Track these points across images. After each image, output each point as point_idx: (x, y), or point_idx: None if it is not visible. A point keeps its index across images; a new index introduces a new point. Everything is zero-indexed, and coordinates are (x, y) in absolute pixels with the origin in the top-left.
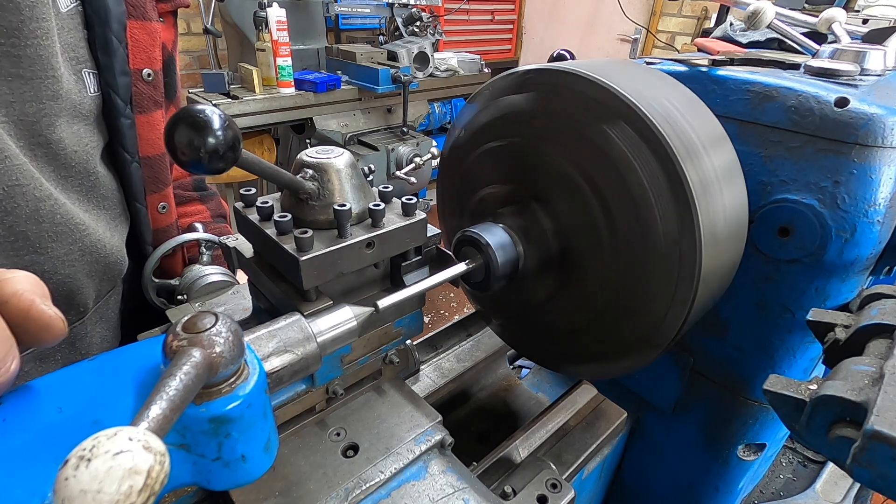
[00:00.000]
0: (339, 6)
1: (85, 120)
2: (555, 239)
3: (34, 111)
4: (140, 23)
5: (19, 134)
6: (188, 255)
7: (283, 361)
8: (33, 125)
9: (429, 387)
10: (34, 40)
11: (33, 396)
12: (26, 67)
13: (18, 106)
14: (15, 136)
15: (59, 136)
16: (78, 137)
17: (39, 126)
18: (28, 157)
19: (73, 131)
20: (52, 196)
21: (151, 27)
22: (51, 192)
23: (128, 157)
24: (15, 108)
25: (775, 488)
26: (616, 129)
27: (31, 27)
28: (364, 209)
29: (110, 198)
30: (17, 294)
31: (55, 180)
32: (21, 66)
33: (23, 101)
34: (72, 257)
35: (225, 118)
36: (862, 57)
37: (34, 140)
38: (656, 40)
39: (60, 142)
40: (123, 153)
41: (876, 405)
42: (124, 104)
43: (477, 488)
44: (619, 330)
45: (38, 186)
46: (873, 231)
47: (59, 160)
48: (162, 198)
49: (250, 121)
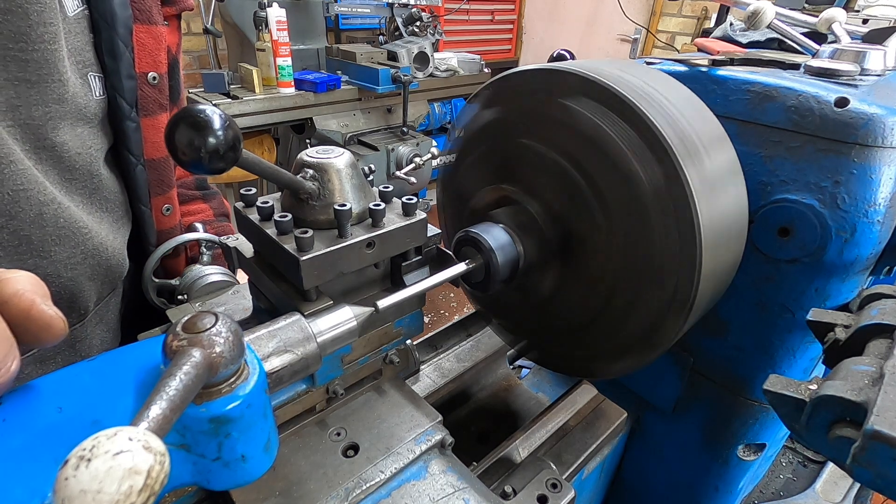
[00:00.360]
0: (339, 6)
1: (90, 123)
2: (551, 227)
3: (40, 115)
4: (146, 27)
5: (25, 137)
6: (190, 255)
7: (283, 361)
8: (39, 129)
9: (429, 387)
10: (41, 45)
11: (33, 396)
12: (33, 72)
13: (24, 110)
14: (21, 139)
15: (64, 140)
16: (82, 140)
17: (45, 129)
18: (33, 160)
19: (77, 134)
20: (56, 200)
21: (157, 31)
22: (54, 195)
23: (133, 159)
24: (21, 112)
25: (775, 488)
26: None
27: (38, 31)
28: (364, 209)
29: (113, 200)
30: (18, 294)
31: (59, 183)
32: (28, 70)
33: (29, 105)
34: (74, 261)
35: (225, 118)
36: (862, 57)
37: (39, 143)
38: (656, 40)
39: (65, 145)
40: (128, 156)
41: (876, 405)
42: (130, 107)
43: (477, 488)
44: (620, 326)
45: (41, 191)
46: (873, 231)
47: (63, 163)
48: (166, 200)
49: (250, 121)
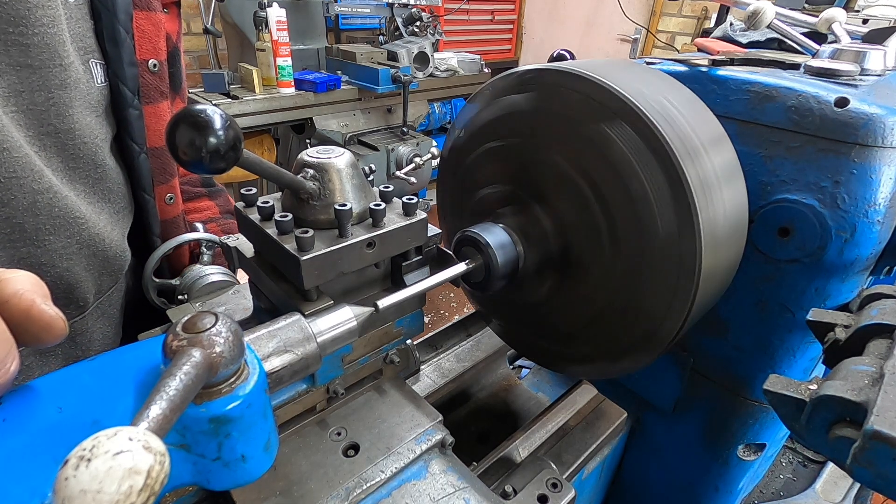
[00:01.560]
0: (339, 6)
1: (94, 110)
2: (555, 238)
3: (43, 100)
4: (145, 13)
5: (28, 123)
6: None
7: (283, 361)
8: (42, 114)
9: (429, 387)
10: (41, 28)
11: (33, 396)
12: (34, 56)
13: (28, 95)
14: (24, 125)
15: (70, 126)
16: (89, 129)
17: (48, 115)
18: (36, 147)
19: (83, 122)
20: (52, 188)
21: (156, 17)
22: (50, 184)
23: (136, 148)
24: (24, 98)
25: (775, 488)
26: (615, 128)
27: (37, 15)
28: (365, 209)
29: (116, 191)
30: (18, 294)
31: (62, 172)
32: (29, 54)
33: (31, 91)
34: (69, 250)
35: (226, 118)
36: (862, 57)
37: (43, 130)
38: (656, 40)
39: (70, 132)
40: (132, 144)
41: (876, 405)
42: (132, 95)
43: (477, 488)
44: (619, 330)
45: (36, 179)
46: (873, 231)
47: (67, 150)
48: (169, 189)
49: (250, 121)
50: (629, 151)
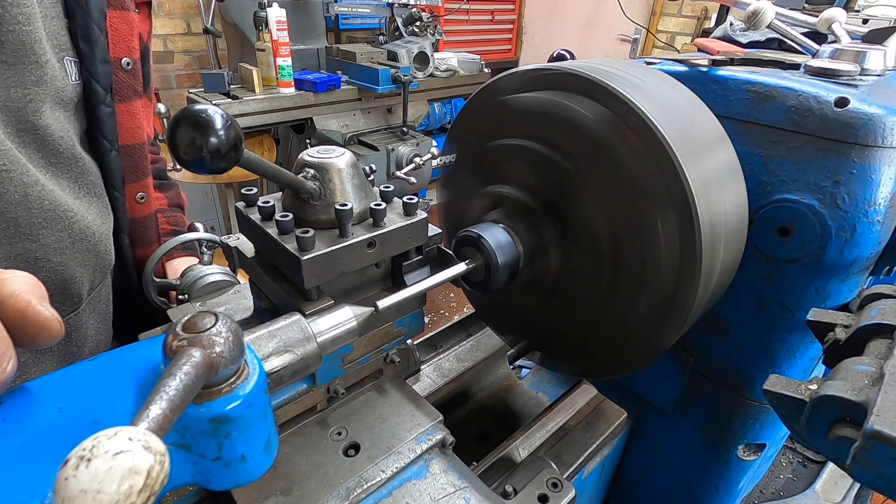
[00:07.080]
0: (339, 6)
1: (66, 107)
2: (555, 275)
3: (19, 97)
4: (119, 12)
5: (6, 120)
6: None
7: (283, 361)
8: (19, 111)
9: (429, 387)
10: (16, 26)
11: (33, 396)
12: (9, 53)
13: (3, 92)
14: (2, 122)
15: (46, 123)
16: (62, 124)
17: (25, 112)
18: (16, 143)
19: (57, 118)
20: (40, 182)
21: (130, 17)
22: (38, 177)
23: (107, 144)
24: (0, 94)
25: (775, 488)
26: (664, 217)
27: (13, 13)
28: (365, 209)
29: (99, 185)
30: (14, 294)
31: (44, 167)
32: (4, 51)
33: (7, 87)
34: (63, 244)
35: (227, 118)
36: (862, 57)
37: (21, 126)
38: (656, 40)
39: (47, 128)
40: (103, 141)
41: (876, 405)
42: (105, 92)
43: (478, 487)
44: (624, 320)
45: (25, 172)
46: (873, 231)
47: (47, 146)
48: (141, 188)
49: (250, 121)
50: (664, 237)
